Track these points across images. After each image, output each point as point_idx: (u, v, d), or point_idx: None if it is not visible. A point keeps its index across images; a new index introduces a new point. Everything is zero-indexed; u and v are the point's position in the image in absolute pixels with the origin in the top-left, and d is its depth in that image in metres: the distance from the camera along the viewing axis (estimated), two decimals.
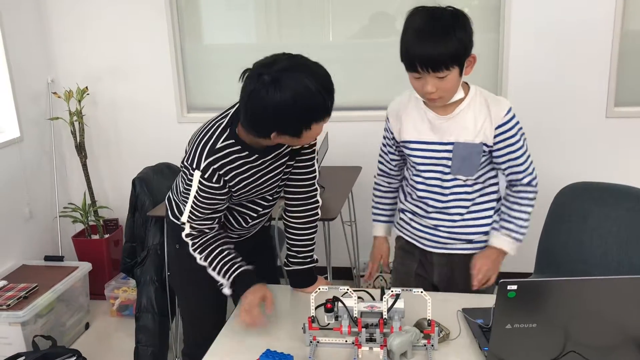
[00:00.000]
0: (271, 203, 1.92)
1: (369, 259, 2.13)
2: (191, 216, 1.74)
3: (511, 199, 1.87)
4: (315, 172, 1.88)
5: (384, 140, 1.98)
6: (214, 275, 1.79)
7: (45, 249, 3.58)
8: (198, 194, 1.69)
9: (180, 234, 1.87)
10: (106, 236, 3.63)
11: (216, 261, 1.78)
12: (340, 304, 1.59)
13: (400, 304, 1.58)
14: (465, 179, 1.83)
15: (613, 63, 3.10)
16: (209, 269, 1.80)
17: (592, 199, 2.23)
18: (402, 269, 2.06)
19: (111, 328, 3.34)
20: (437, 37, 1.63)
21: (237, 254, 1.81)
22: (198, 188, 1.68)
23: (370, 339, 1.57)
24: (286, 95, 1.50)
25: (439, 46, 1.62)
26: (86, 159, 3.56)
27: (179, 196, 1.88)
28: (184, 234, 1.79)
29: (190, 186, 1.70)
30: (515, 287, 1.31)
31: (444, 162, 1.82)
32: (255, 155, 1.71)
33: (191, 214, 1.74)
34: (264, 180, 1.78)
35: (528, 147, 1.84)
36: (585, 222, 2.22)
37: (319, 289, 1.63)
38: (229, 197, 1.76)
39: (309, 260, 1.95)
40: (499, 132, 1.78)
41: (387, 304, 1.58)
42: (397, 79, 1.78)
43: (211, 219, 1.77)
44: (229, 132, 1.68)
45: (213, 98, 3.58)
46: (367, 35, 3.38)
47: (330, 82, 1.57)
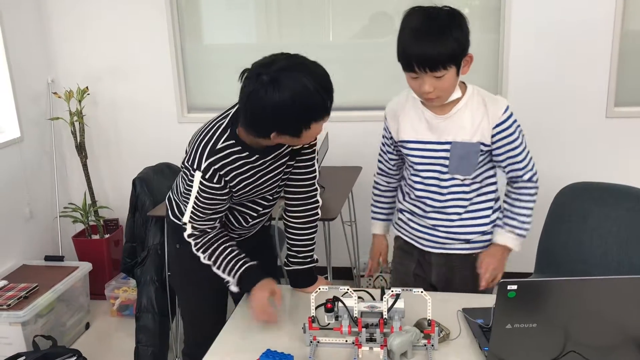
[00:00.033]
0: (271, 203, 1.92)
1: (368, 257, 2.15)
2: (193, 216, 1.74)
3: (513, 195, 1.88)
4: (315, 172, 1.88)
5: (382, 139, 1.99)
6: (219, 273, 1.79)
7: (46, 249, 3.58)
8: (199, 195, 1.69)
9: (180, 233, 1.87)
10: (106, 236, 3.63)
11: (220, 259, 1.78)
12: (340, 304, 1.60)
13: (400, 303, 1.58)
14: (463, 179, 1.83)
15: (613, 63, 3.10)
16: (214, 268, 1.80)
17: (592, 199, 2.23)
18: (401, 269, 2.07)
19: (111, 328, 3.34)
20: (434, 37, 1.63)
21: (241, 250, 1.81)
22: (199, 189, 1.68)
23: (371, 339, 1.57)
24: (285, 95, 1.50)
25: (436, 46, 1.62)
26: (86, 159, 3.56)
27: (180, 196, 1.88)
28: (186, 234, 1.79)
29: (191, 187, 1.70)
30: (515, 287, 1.31)
31: (441, 161, 1.82)
32: (255, 156, 1.71)
33: (193, 214, 1.74)
34: (264, 180, 1.78)
35: (527, 143, 1.84)
36: (585, 222, 2.22)
37: (319, 289, 1.63)
38: (230, 197, 1.76)
39: (309, 260, 1.95)
40: (497, 130, 1.78)
41: (387, 303, 1.58)
42: (397, 79, 1.79)
43: (213, 219, 1.77)
44: (229, 133, 1.68)
45: (213, 98, 3.58)
46: (367, 35, 3.38)
47: (329, 81, 1.57)
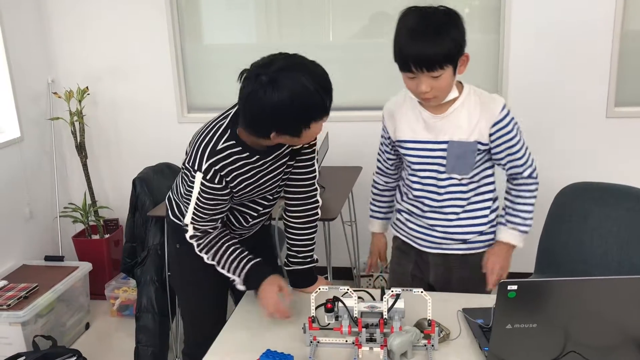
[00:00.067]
0: (272, 203, 1.92)
1: (368, 255, 2.17)
2: (194, 217, 1.74)
3: (514, 192, 1.89)
4: (315, 172, 1.88)
5: (381, 139, 2.00)
6: (224, 273, 1.80)
7: (46, 249, 3.58)
8: (200, 196, 1.69)
9: (180, 233, 1.87)
10: (106, 236, 3.63)
11: (224, 259, 1.78)
12: (340, 304, 1.60)
13: (400, 304, 1.58)
14: (460, 178, 1.83)
15: (613, 63, 3.10)
16: (218, 268, 1.80)
17: (592, 199, 2.23)
18: (398, 269, 2.08)
19: (111, 328, 3.34)
20: (430, 37, 1.63)
21: (244, 248, 1.82)
22: (200, 189, 1.68)
23: (371, 339, 1.57)
24: (284, 95, 1.50)
25: (432, 46, 1.62)
26: (86, 159, 3.56)
27: (181, 198, 1.88)
28: (187, 235, 1.79)
29: (192, 188, 1.70)
30: (515, 287, 1.31)
31: (438, 160, 1.82)
32: (256, 156, 1.71)
33: (194, 215, 1.73)
34: (265, 180, 1.78)
35: (525, 140, 1.85)
36: (585, 222, 2.22)
37: (319, 289, 1.63)
38: (231, 197, 1.76)
39: (309, 260, 1.95)
40: (495, 129, 1.78)
41: (387, 304, 1.58)
42: (397, 79, 1.78)
43: (215, 220, 1.77)
44: (229, 133, 1.68)
45: (213, 98, 3.58)
46: (367, 35, 3.38)
47: (328, 81, 1.57)
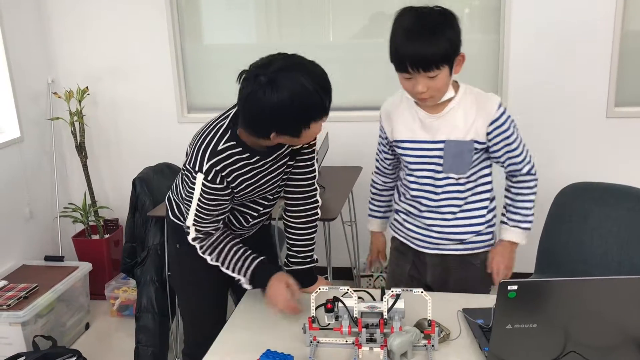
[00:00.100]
0: (272, 202, 1.92)
1: (368, 253, 2.20)
2: (196, 219, 1.73)
3: (513, 190, 1.90)
4: (314, 172, 1.88)
5: (378, 139, 2.01)
6: (228, 273, 1.80)
7: (46, 249, 3.58)
8: (202, 197, 1.68)
9: (180, 233, 1.87)
10: (106, 236, 3.63)
11: (228, 259, 1.79)
12: (340, 304, 1.59)
13: (400, 304, 1.58)
14: (457, 177, 1.83)
15: (613, 63, 3.10)
16: (223, 268, 1.80)
17: (592, 199, 2.23)
18: (396, 270, 2.08)
19: (111, 328, 3.34)
20: (426, 37, 1.63)
21: (247, 247, 1.82)
22: (201, 190, 1.67)
23: (371, 339, 1.57)
24: (283, 96, 1.50)
25: (428, 46, 1.62)
26: (86, 159, 3.56)
27: (180, 198, 1.88)
28: (190, 238, 1.78)
29: (193, 189, 1.69)
30: (515, 287, 1.31)
31: (435, 160, 1.83)
32: (256, 157, 1.70)
33: (196, 217, 1.73)
34: (265, 181, 1.78)
35: (522, 137, 1.85)
36: (585, 222, 2.22)
37: (319, 289, 1.63)
38: (232, 198, 1.76)
39: (309, 260, 1.95)
40: (493, 127, 1.78)
41: (387, 304, 1.58)
42: (397, 79, 1.78)
43: (217, 221, 1.76)
44: (230, 134, 1.68)
45: (213, 98, 3.58)
46: (367, 35, 3.38)
47: (327, 81, 1.57)
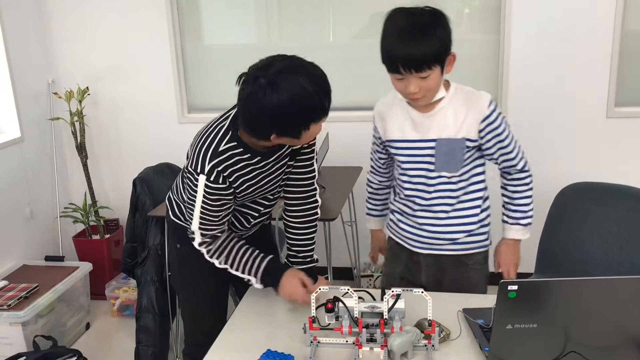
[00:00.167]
0: (272, 202, 1.92)
1: (370, 251, 2.22)
2: (202, 222, 1.72)
3: (510, 188, 1.91)
4: (314, 172, 1.89)
5: (372, 139, 2.02)
6: (238, 274, 1.80)
7: (46, 249, 3.58)
8: (205, 198, 1.68)
9: (181, 233, 1.87)
10: (107, 236, 3.63)
11: (237, 261, 1.79)
12: (340, 304, 1.60)
13: (400, 304, 1.59)
14: (449, 176, 1.84)
15: (613, 63, 3.10)
16: (232, 270, 1.80)
17: (592, 199, 2.23)
18: (389, 271, 2.10)
19: (112, 328, 3.34)
20: (418, 37, 1.63)
21: (254, 247, 1.82)
22: (204, 192, 1.67)
23: (371, 339, 1.57)
24: (283, 97, 1.50)
25: (420, 46, 1.63)
26: (87, 159, 3.56)
27: (180, 197, 1.88)
28: (196, 243, 1.77)
29: (196, 192, 1.68)
30: (515, 287, 1.31)
31: (427, 159, 1.83)
32: (257, 158, 1.71)
33: (201, 219, 1.72)
34: (266, 181, 1.78)
35: (514, 134, 1.85)
36: (585, 222, 2.22)
37: (319, 289, 1.63)
38: (234, 198, 1.76)
39: (309, 260, 1.96)
40: (484, 124, 1.78)
41: (387, 304, 1.58)
42: None
43: (222, 223, 1.76)
44: (231, 135, 1.68)
45: (213, 98, 3.58)
46: (368, 35, 3.38)
47: (326, 82, 1.57)
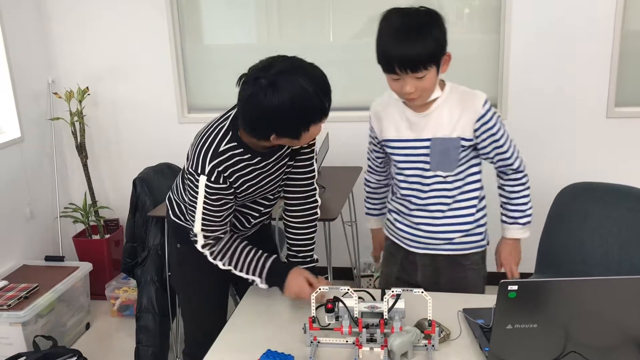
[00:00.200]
0: (272, 202, 1.92)
1: (372, 251, 2.23)
2: (204, 223, 1.72)
3: (507, 188, 1.92)
4: (314, 172, 1.89)
5: (369, 139, 2.02)
6: (242, 275, 1.80)
7: (46, 249, 3.58)
8: (207, 198, 1.68)
9: (181, 233, 1.87)
10: (107, 236, 3.63)
11: (241, 262, 1.79)
12: (340, 304, 1.60)
13: (400, 304, 1.59)
14: (445, 175, 1.84)
15: (613, 63, 3.10)
16: (236, 271, 1.80)
17: (592, 199, 2.23)
18: (385, 271, 2.10)
19: (112, 328, 3.34)
20: (413, 37, 1.64)
21: (257, 248, 1.82)
22: (206, 192, 1.67)
23: (371, 339, 1.57)
24: (284, 98, 1.50)
25: (416, 46, 1.63)
26: (87, 159, 3.56)
27: (180, 197, 1.88)
28: (199, 245, 1.77)
29: (197, 193, 1.68)
30: (515, 287, 1.31)
31: (422, 158, 1.84)
32: (258, 158, 1.71)
33: (204, 220, 1.72)
34: (267, 181, 1.78)
35: (509, 133, 1.85)
36: (585, 222, 2.22)
37: (319, 289, 1.63)
38: (235, 198, 1.76)
39: (309, 260, 1.96)
40: (479, 124, 1.79)
41: (387, 304, 1.58)
42: None
43: (224, 223, 1.76)
44: (231, 135, 1.68)
45: (213, 98, 3.58)
46: (368, 35, 3.35)
47: (326, 83, 1.57)
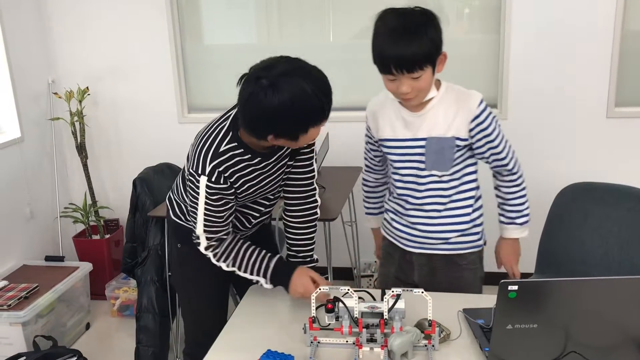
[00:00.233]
0: (273, 202, 1.92)
1: (374, 250, 2.23)
2: (206, 224, 1.72)
3: (503, 189, 1.92)
4: (313, 172, 1.89)
5: (365, 138, 2.02)
6: (246, 276, 1.80)
7: (46, 249, 3.58)
8: (208, 199, 1.68)
9: (181, 233, 1.87)
10: (107, 236, 3.63)
11: (244, 262, 1.79)
12: (341, 304, 1.60)
13: (400, 304, 1.59)
14: (440, 175, 1.84)
15: (613, 63, 3.10)
16: (240, 272, 1.80)
17: (592, 199, 2.23)
18: (383, 271, 2.10)
19: (112, 328, 3.34)
20: (409, 37, 1.64)
21: (260, 248, 1.82)
22: (207, 193, 1.67)
23: (371, 339, 1.57)
24: (283, 99, 1.50)
25: (412, 46, 1.63)
26: (87, 159, 3.57)
27: (181, 197, 1.88)
28: (202, 247, 1.77)
29: (198, 194, 1.68)
30: (516, 287, 1.31)
31: (418, 157, 1.84)
32: (258, 158, 1.70)
33: (206, 221, 1.71)
34: (267, 181, 1.78)
35: (504, 134, 1.85)
36: (585, 222, 2.22)
37: (320, 289, 1.63)
38: (236, 198, 1.75)
39: (309, 260, 1.96)
40: (474, 124, 1.79)
41: (387, 304, 1.58)
42: None
43: (226, 224, 1.76)
44: (231, 136, 1.68)
45: (213, 98, 3.58)
46: (368, 35, 3.35)
47: (328, 86, 1.56)
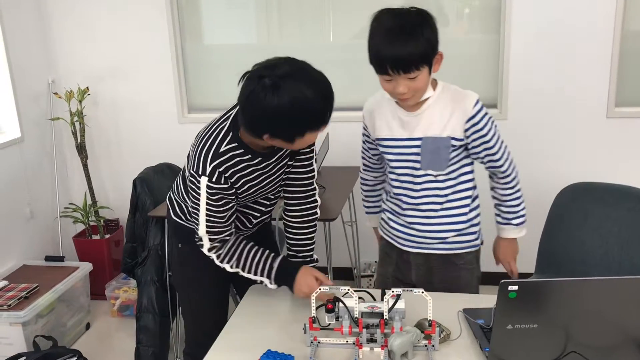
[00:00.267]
0: (273, 202, 1.92)
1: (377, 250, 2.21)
2: (209, 224, 1.72)
3: (499, 190, 1.93)
4: (313, 172, 1.88)
5: (363, 137, 2.02)
6: (250, 277, 1.80)
7: (46, 249, 3.58)
8: (209, 199, 1.67)
9: (181, 233, 1.87)
10: (107, 236, 3.63)
11: (248, 263, 1.79)
12: (341, 305, 1.60)
13: (401, 304, 1.59)
14: (436, 174, 1.84)
15: (613, 63, 3.10)
16: (244, 273, 1.80)
17: (592, 199, 2.23)
18: (381, 271, 2.10)
19: (112, 328, 3.34)
20: (405, 37, 1.64)
21: (264, 248, 1.82)
22: (207, 193, 1.66)
23: (371, 340, 1.57)
24: (283, 100, 1.49)
25: (408, 46, 1.63)
26: (87, 159, 3.57)
27: (181, 197, 1.88)
28: (205, 249, 1.77)
29: (199, 195, 1.68)
30: (516, 287, 1.31)
31: (414, 157, 1.84)
32: (258, 159, 1.70)
33: (208, 222, 1.71)
34: (267, 182, 1.78)
35: (501, 135, 1.85)
36: (585, 222, 2.22)
37: (319, 289, 1.63)
38: (236, 197, 1.75)
39: (309, 259, 1.96)
40: (470, 124, 1.79)
41: (387, 304, 1.58)
42: None
43: (228, 224, 1.76)
44: (231, 136, 1.67)
45: (214, 98, 3.58)
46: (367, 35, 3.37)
47: (330, 92, 1.56)
